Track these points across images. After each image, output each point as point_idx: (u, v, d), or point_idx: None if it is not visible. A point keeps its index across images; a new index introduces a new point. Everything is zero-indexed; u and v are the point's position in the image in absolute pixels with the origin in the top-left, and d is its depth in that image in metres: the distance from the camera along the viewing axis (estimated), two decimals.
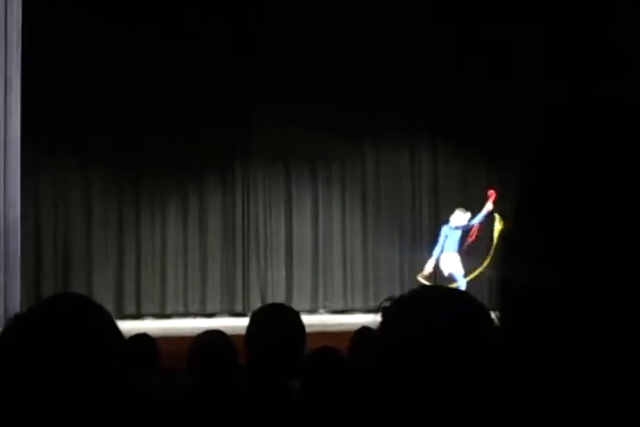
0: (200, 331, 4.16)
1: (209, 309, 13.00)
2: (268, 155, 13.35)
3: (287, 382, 2.76)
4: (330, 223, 13.77)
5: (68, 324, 1.37)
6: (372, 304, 13.03)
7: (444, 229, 11.70)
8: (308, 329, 2.95)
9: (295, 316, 2.89)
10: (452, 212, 13.75)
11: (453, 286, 10.68)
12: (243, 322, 2.90)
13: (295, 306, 12.58)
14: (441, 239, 11.63)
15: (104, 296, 11.80)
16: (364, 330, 4.51)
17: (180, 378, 3.89)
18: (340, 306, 13.54)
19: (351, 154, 13.86)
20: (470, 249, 11.72)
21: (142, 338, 4.67)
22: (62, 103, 12.23)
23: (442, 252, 11.60)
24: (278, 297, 12.59)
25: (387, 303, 1.25)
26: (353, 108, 13.34)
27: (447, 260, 11.63)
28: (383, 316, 1.24)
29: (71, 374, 1.31)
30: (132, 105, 12.56)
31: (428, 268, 11.64)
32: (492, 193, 11.83)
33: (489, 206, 11.73)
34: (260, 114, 13.14)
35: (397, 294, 1.32)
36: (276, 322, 2.78)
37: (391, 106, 13.43)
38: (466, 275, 11.66)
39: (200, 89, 12.87)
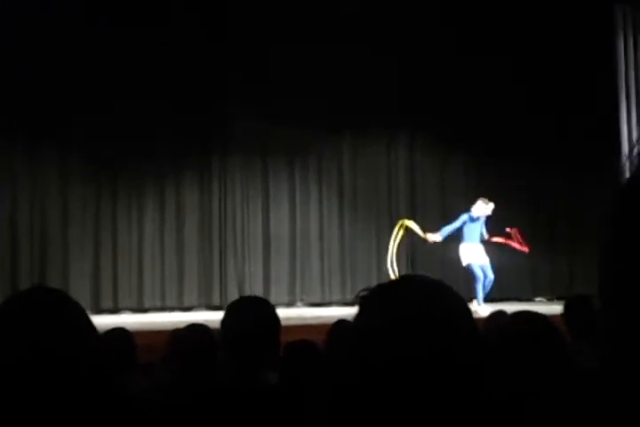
0: (177, 325, 4.16)
1: (186, 302, 12.98)
2: (245, 149, 13.33)
3: (264, 375, 2.77)
4: (307, 217, 13.77)
5: (40, 317, 1.36)
6: (349, 297, 13.06)
7: (464, 217, 11.49)
8: (285, 322, 2.95)
9: (269, 308, 2.89)
10: (428, 205, 13.84)
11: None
12: (220, 316, 2.89)
13: (273, 299, 12.61)
14: (456, 223, 11.44)
15: (81, 290, 11.77)
16: (342, 323, 4.52)
17: (157, 372, 3.88)
18: (317, 299, 13.56)
19: (328, 148, 13.86)
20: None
21: (119, 332, 4.66)
22: (39, 98, 12.16)
23: (463, 241, 11.44)
24: (256, 290, 12.58)
25: (364, 293, 1.26)
26: (331, 103, 13.32)
27: (468, 250, 11.45)
28: (360, 305, 1.24)
29: (44, 368, 1.31)
30: (110, 100, 12.49)
31: (434, 237, 11.55)
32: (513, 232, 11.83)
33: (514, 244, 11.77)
34: (238, 108, 13.10)
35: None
36: (250, 314, 2.78)
37: (369, 100, 13.42)
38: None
39: (177, 84, 12.81)
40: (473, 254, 11.42)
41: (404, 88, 13.58)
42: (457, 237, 11.64)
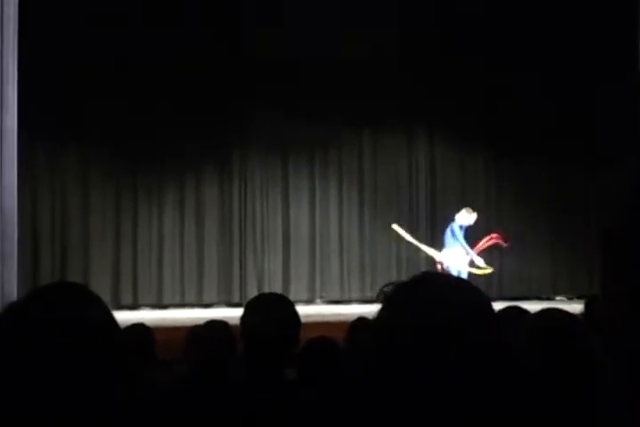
0: (197, 321, 4.15)
1: (206, 299, 13.00)
2: (265, 144, 13.34)
3: (282, 372, 2.76)
4: (327, 213, 13.76)
5: (63, 311, 1.36)
6: (368, 294, 13.05)
7: (456, 228, 11.62)
8: (305, 319, 2.94)
9: (289, 305, 2.88)
10: (448, 201, 13.80)
11: None
12: (240, 312, 2.89)
13: (292, 296, 12.60)
14: (459, 236, 11.58)
15: (101, 286, 11.81)
16: (361, 320, 4.51)
17: (176, 368, 3.89)
18: (337, 296, 13.55)
19: (348, 143, 13.85)
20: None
21: (139, 328, 4.67)
22: (60, 92, 12.21)
23: (445, 247, 11.67)
24: (275, 287, 12.58)
25: (387, 289, 1.24)
26: (351, 98, 13.31)
27: (453, 255, 11.65)
28: (383, 301, 1.23)
29: (68, 363, 1.31)
30: (131, 95, 12.54)
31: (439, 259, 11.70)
32: (495, 236, 11.87)
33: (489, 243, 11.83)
34: (258, 105, 13.10)
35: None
36: (270, 311, 2.78)
37: (389, 94, 13.41)
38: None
39: (198, 79, 12.84)
40: (452, 259, 11.60)
41: (424, 82, 13.55)
42: (442, 242, 11.76)
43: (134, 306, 12.53)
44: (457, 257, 11.62)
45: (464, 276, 11.44)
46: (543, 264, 13.94)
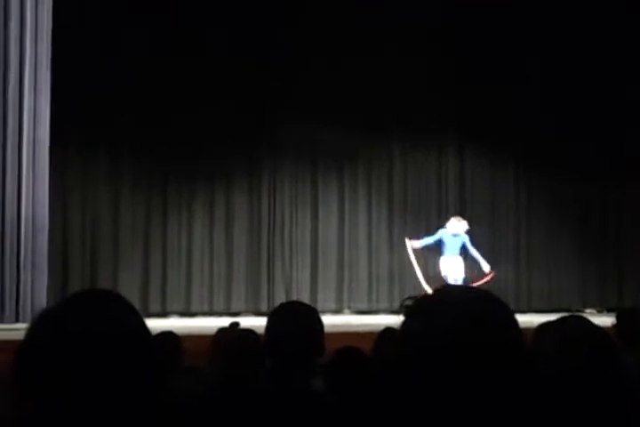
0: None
1: (234, 308, 13.02)
2: (295, 153, 13.37)
3: (308, 381, 2.76)
4: (356, 223, 13.76)
5: (97, 319, 1.36)
6: (396, 305, 12.99)
7: (441, 232, 12.06)
8: (332, 329, 2.95)
9: (313, 313, 2.88)
10: (477, 213, 13.78)
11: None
12: None
13: (320, 306, 12.61)
14: (435, 236, 12.07)
15: (130, 294, 11.77)
16: (389, 331, 4.50)
17: (204, 376, 3.90)
18: (364, 306, 13.53)
19: (378, 153, 13.85)
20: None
21: (167, 336, 4.69)
22: (91, 102, 12.27)
23: (443, 254, 12.02)
24: (303, 297, 12.58)
25: (409, 302, 1.25)
26: (381, 108, 13.34)
27: (449, 263, 11.95)
28: (405, 314, 1.24)
29: (102, 369, 1.31)
30: (161, 103, 12.60)
31: (414, 244, 12.19)
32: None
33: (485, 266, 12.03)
34: (289, 113, 13.15)
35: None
36: (293, 319, 2.78)
37: (419, 105, 13.42)
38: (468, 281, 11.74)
39: (228, 87, 12.90)
40: (449, 267, 11.93)
41: (455, 94, 13.55)
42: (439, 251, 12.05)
43: (163, 314, 12.56)
44: (455, 266, 11.88)
45: (450, 282, 11.62)
46: (572, 277, 13.86)
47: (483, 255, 12.22)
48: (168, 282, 12.90)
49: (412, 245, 12.26)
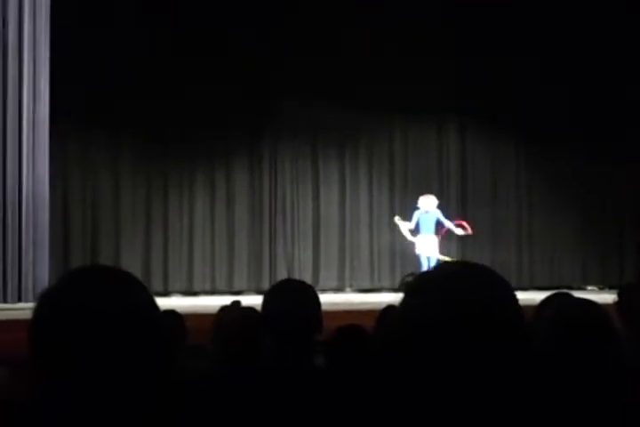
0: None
1: (236, 286, 13.05)
2: (295, 132, 13.35)
3: (309, 359, 2.77)
4: (357, 201, 13.76)
5: (108, 298, 1.34)
6: (398, 283, 13.04)
7: (416, 212, 12.02)
8: (334, 307, 2.96)
9: (308, 289, 2.88)
10: (478, 189, 13.79)
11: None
12: None
13: (322, 284, 12.65)
14: (413, 218, 12.01)
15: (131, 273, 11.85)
16: (390, 308, 4.51)
17: (206, 354, 3.92)
18: (366, 285, 13.56)
19: (379, 132, 13.82)
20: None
21: (170, 315, 4.70)
22: (91, 80, 12.25)
23: (419, 234, 11.97)
24: (305, 275, 12.61)
25: (409, 278, 1.26)
26: (381, 86, 13.29)
27: (423, 241, 11.94)
28: (404, 292, 1.24)
29: (110, 347, 1.30)
30: (161, 82, 12.57)
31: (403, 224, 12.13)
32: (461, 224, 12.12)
33: (457, 230, 12.05)
34: (288, 91, 13.12)
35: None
36: (289, 297, 2.78)
37: (419, 83, 13.37)
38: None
39: (228, 67, 12.86)
40: (424, 245, 11.93)
41: (455, 71, 13.51)
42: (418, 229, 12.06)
43: (165, 293, 12.59)
44: (430, 244, 11.90)
45: (433, 262, 11.62)
46: (574, 254, 13.87)
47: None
48: (170, 261, 12.92)
49: (398, 221, 12.25)
